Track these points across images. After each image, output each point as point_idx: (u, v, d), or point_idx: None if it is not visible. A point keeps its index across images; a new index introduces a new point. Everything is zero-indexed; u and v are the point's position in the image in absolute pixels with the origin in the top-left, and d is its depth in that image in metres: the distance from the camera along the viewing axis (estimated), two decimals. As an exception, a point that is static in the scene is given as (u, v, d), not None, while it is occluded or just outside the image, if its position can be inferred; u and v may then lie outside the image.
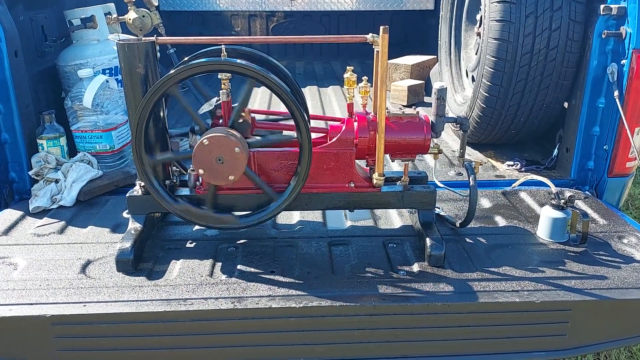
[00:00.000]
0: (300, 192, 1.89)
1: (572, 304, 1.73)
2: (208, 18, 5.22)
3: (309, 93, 4.21)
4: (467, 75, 3.32)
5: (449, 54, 3.51)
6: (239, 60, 1.79)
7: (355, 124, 1.95)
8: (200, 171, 1.80)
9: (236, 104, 1.85)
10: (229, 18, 5.25)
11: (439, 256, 1.89)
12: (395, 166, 2.73)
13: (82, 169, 2.42)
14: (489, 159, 2.88)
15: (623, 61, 2.28)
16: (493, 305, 1.71)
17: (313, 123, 2.09)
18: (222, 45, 1.87)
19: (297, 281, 1.81)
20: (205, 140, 1.75)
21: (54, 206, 2.31)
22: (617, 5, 2.27)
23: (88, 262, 1.92)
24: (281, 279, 1.83)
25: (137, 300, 1.70)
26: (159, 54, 1.91)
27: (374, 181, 1.94)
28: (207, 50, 2.01)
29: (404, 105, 3.82)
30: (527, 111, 2.67)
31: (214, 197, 1.91)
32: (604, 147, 2.45)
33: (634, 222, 2.23)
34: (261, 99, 3.98)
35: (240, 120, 1.86)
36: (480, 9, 2.88)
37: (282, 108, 1.85)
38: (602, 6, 2.31)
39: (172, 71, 1.77)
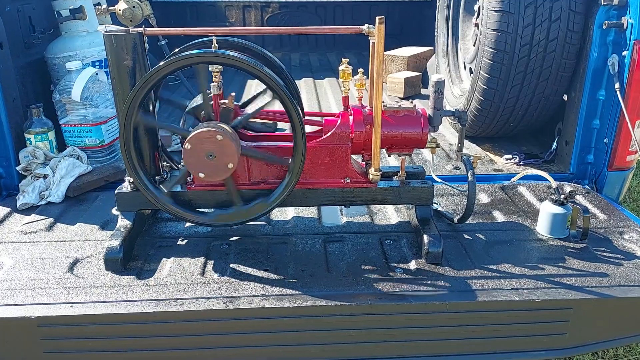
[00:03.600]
0: (294, 188, 1.84)
1: (573, 302, 1.69)
2: (202, 9, 5.15)
3: (305, 85, 4.15)
4: (464, 67, 3.27)
5: (446, 45, 3.45)
6: (230, 52, 1.73)
7: (351, 117, 1.90)
8: (201, 175, 1.75)
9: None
10: (223, 9, 5.18)
11: (437, 253, 1.85)
12: (392, 161, 2.68)
13: (71, 164, 2.36)
14: (487, 153, 2.83)
15: (624, 53, 2.23)
16: (492, 304, 1.67)
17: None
18: (214, 37, 1.82)
19: (291, 280, 1.77)
20: (187, 145, 1.72)
21: (42, 202, 2.26)
22: (618, -5, 2.22)
23: (76, 261, 1.87)
24: (275, 277, 1.78)
25: (126, 301, 1.65)
26: (147, 46, 1.84)
27: (370, 176, 1.90)
28: (199, 42, 1.95)
29: (400, 98, 3.77)
30: (526, 104, 2.62)
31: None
32: (604, 140, 2.41)
33: (634, 217, 2.19)
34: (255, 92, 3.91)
35: (223, 107, 1.81)
36: (479, -1, 2.82)
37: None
38: (603, -4, 2.26)
39: (161, 63, 1.71)
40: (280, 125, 2.71)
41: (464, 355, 1.74)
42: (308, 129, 1.89)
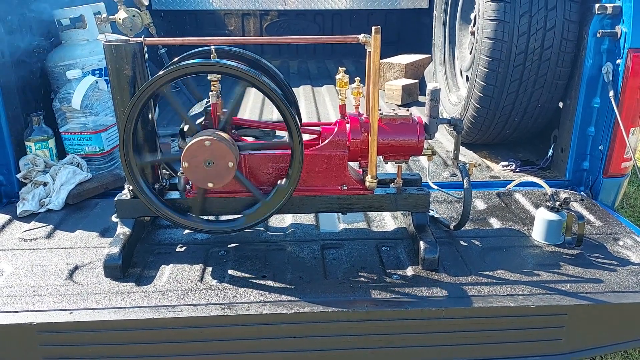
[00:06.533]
0: (292, 195, 1.86)
1: (568, 308, 1.70)
2: (201, 17, 5.19)
3: (303, 93, 4.17)
4: (461, 75, 3.30)
5: (443, 53, 3.49)
6: (228, 62, 1.76)
7: (348, 125, 1.92)
8: (210, 184, 1.78)
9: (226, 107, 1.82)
10: (222, 17, 5.22)
11: (433, 260, 1.87)
12: (389, 168, 2.70)
13: (70, 171, 2.38)
14: (484, 160, 2.86)
15: (618, 61, 2.26)
16: (488, 310, 1.69)
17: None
18: (212, 46, 1.84)
19: (288, 286, 1.78)
20: (184, 163, 1.75)
21: (42, 210, 2.27)
22: (612, 4, 2.25)
23: (76, 268, 1.89)
24: (273, 283, 1.80)
25: (125, 307, 1.66)
26: (146, 55, 1.86)
27: (367, 184, 1.92)
28: (198, 51, 1.98)
29: (398, 105, 3.80)
30: (522, 111, 2.64)
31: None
32: (599, 147, 2.43)
33: (629, 224, 2.21)
34: (254, 101, 3.94)
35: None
36: (475, 8, 2.85)
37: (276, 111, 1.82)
38: (597, 5, 2.28)
39: (160, 72, 1.73)
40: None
41: (460, 361, 1.75)
42: (305, 136, 1.91)
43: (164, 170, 2.05)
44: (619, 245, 2.04)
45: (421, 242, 1.89)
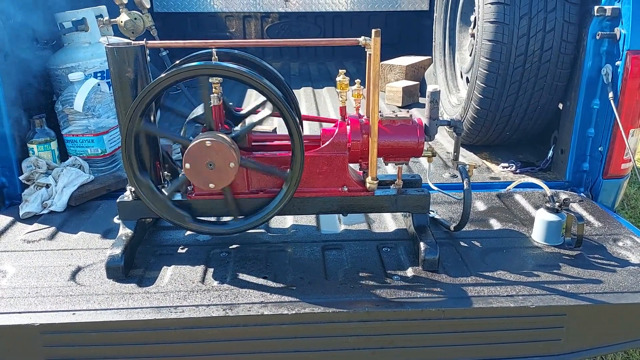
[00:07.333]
0: (292, 197, 1.87)
1: (567, 308, 1.71)
2: (202, 19, 5.20)
3: (304, 94, 4.19)
4: (461, 77, 3.31)
5: (444, 55, 3.50)
6: (230, 64, 1.77)
7: (348, 127, 1.93)
8: (211, 185, 1.78)
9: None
10: (224, 19, 5.24)
11: (433, 260, 1.88)
12: (390, 169, 2.71)
13: (73, 173, 2.40)
14: (484, 161, 2.87)
15: (617, 62, 2.27)
16: (488, 310, 1.70)
17: (306, 125, 2.07)
18: (213, 49, 1.85)
19: (289, 287, 1.79)
20: (186, 165, 1.75)
21: (45, 211, 2.29)
22: (611, 7, 2.26)
23: (78, 269, 1.90)
24: (274, 284, 1.81)
25: (127, 308, 1.67)
26: (148, 58, 1.88)
27: (368, 185, 1.93)
28: (199, 54, 1.99)
29: (399, 107, 3.81)
30: (522, 113, 2.65)
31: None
32: (599, 148, 2.44)
33: (629, 225, 2.22)
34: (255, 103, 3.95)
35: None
36: (474, 10, 2.86)
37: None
38: (596, 7, 2.30)
39: (162, 75, 1.75)
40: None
41: (461, 361, 1.76)
42: (306, 138, 1.92)
43: (165, 172, 2.06)
44: (618, 246, 2.04)
45: (421, 243, 1.91)
